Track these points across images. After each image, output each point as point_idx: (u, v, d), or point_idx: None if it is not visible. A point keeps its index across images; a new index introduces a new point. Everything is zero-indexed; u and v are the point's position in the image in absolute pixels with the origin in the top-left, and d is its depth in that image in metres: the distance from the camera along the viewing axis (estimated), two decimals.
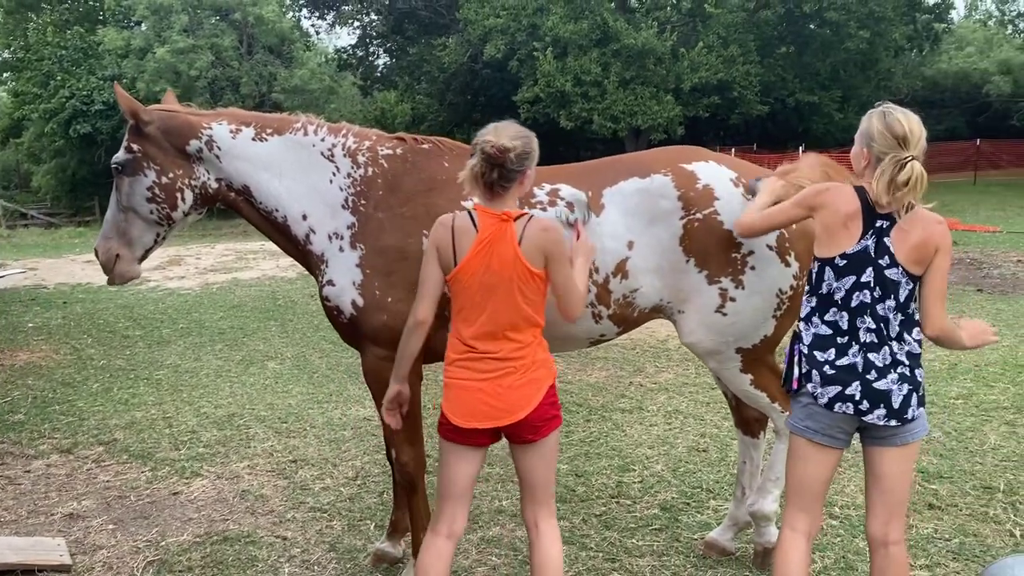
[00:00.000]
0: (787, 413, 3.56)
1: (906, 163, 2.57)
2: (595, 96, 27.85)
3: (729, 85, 29.42)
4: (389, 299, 3.35)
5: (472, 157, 2.78)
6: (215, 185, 3.59)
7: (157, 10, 27.68)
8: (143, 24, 29.12)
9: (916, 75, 43.06)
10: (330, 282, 3.44)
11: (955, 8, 36.15)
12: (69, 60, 30.04)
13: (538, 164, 2.92)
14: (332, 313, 3.50)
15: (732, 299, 3.34)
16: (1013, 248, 13.62)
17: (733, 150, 28.86)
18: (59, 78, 29.19)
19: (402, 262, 3.36)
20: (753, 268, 3.32)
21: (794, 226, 3.30)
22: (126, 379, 7.36)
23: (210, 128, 3.54)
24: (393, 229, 3.39)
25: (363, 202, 3.46)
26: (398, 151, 3.54)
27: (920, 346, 2.74)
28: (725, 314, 3.36)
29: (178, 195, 3.55)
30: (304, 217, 3.52)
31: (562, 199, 3.32)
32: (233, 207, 3.67)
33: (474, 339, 2.80)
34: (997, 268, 11.72)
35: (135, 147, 3.51)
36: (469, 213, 2.83)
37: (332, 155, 3.53)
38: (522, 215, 2.80)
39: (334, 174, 3.51)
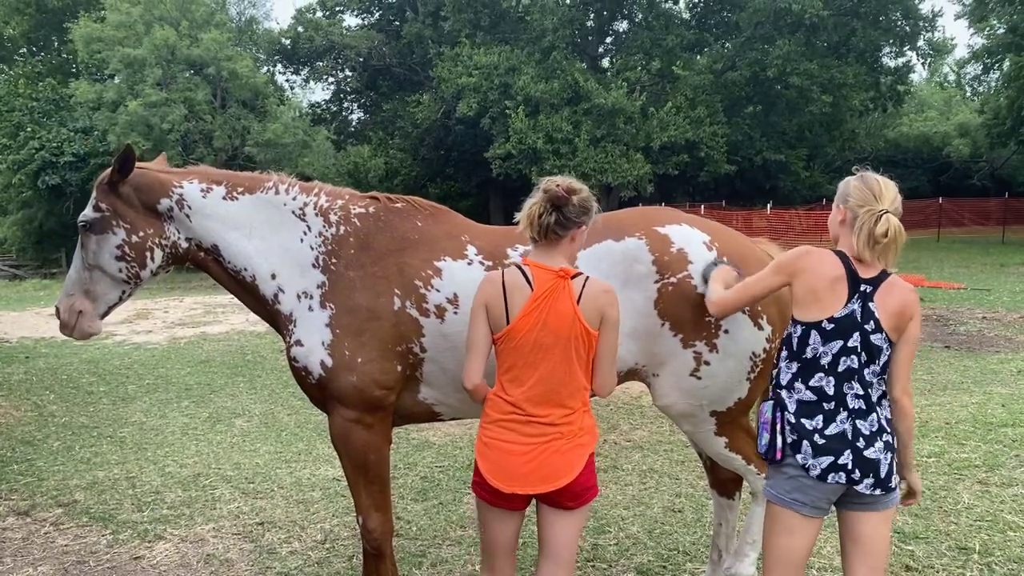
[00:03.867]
0: (763, 475, 3.53)
1: (881, 215, 2.61)
2: (566, 153, 28.26)
3: (697, 144, 30.06)
4: (359, 360, 3.29)
5: (532, 196, 2.74)
6: (185, 244, 3.55)
7: (131, 63, 27.75)
8: (116, 77, 29.16)
9: (879, 136, 44.28)
10: (298, 342, 3.37)
11: (915, 72, 37.32)
12: (40, 112, 29.96)
13: (508, 223, 2.90)
14: (300, 374, 3.42)
15: (707, 362, 3.32)
16: (978, 305, 13.84)
17: (703, 207, 29.34)
18: (29, 129, 29.05)
19: (373, 322, 3.31)
20: (727, 331, 3.31)
21: None
22: (89, 437, 7.17)
23: (181, 187, 3.51)
24: (364, 288, 3.34)
25: (334, 261, 3.41)
26: (371, 210, 3.52)
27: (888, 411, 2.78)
28: (700, 377, 3.34)
29: (147, 254, 3.50)
30: (273, 276, 3.47)
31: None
32: (202, 266, 3.62)
33: (524, 401, 2.72)
34: (963, 325, 11.89)
35: (104, 206, 3.46)
36: (520, 268, 2.77)
37: (303, 214, 3.50)
38: (579, 274, 2.75)
39: (305, 233, 3.48)
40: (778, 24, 29.83)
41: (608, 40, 36.07)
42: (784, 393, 2.80)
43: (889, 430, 2.72)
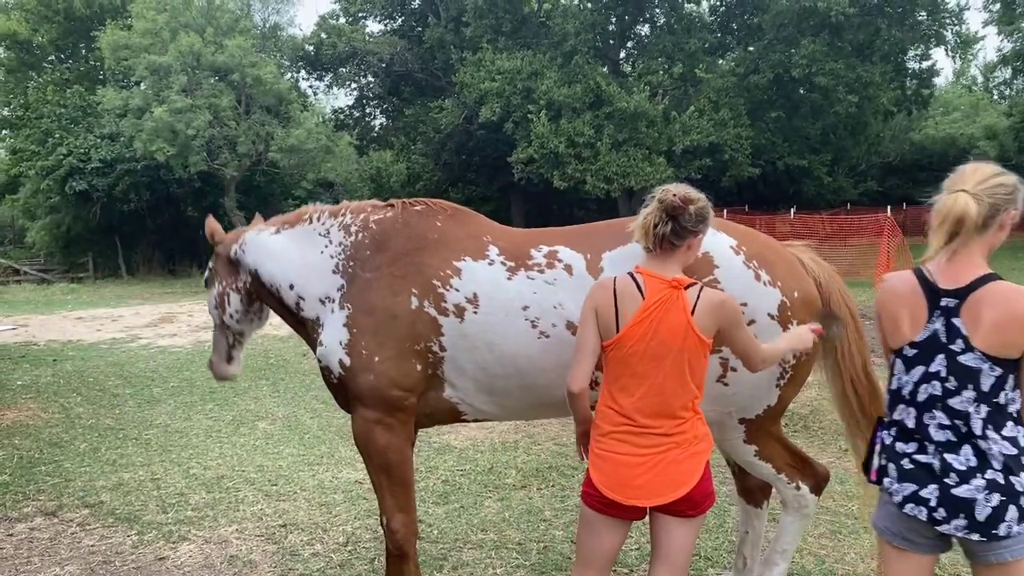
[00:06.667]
0: (793, 484, 3.49)
1: (956, 195, 2.31)
2: (588, 157, 28.19)
3: (720, 148, 29.86)
4: (377, 359, 3.34)
5: (646, 207, 2.73)
6: (244, 278, 3.95)
7: (156, 70, 28.02)
8: (142, 84, 29.46)
9: (904, 139, 43.76)
10: (320, 342, 3.50)
11: (940, 73, 36.83)
12: (68, 118, 30.35)
13: (532, 225, 2.89)
14: (325, 374, 3.56)
15: (733, 368, 3.25)
16: None
17: (725, 212, 29.13)
18: (57, 136, 29.45)
19: (391, 321, 3.36)
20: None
21: (796, 294, 3.27)
22: (115, 439, 7.25)
23: (246, 232, 4.00)
24: (381, 288, 3.41)
25: (351, 264, 3.54)
26: (388, 215, 3.65)
27: (1018, 445, 2.33)
28: (727, 384, 3.29)
29: (225, 299, 3.99)
30: (291, 287, 3.71)
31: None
32: (259, 296, 3.96)
33: (634, 412, 2.68)
34: None
35: (210, 264, 4.16)
36: (632, 276, 2.73)
37: (328, 232, 3.72)
38: (692, 284, 2.70)
39: (326, 246, 3.67)
40: (801, 26, 29.60)
41: (630, 44, 35.97)
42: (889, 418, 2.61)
43: (1001, 467, 2.29)
